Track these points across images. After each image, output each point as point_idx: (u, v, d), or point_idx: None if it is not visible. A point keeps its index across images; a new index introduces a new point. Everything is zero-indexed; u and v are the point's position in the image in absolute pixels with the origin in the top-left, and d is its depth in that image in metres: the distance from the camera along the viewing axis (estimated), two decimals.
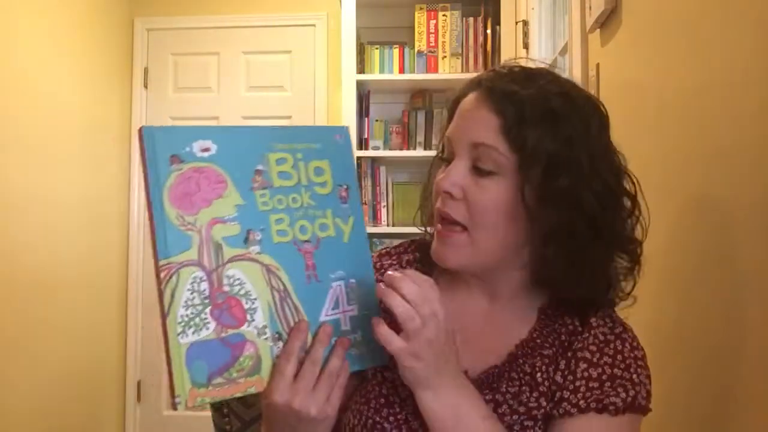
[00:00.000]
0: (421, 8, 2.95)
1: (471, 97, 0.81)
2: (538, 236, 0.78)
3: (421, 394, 0.73)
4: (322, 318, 0.73)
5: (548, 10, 2.37)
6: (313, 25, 3.48)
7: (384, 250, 0.94)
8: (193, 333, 0.66)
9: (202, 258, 0.68)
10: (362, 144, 2.96)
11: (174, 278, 0.66)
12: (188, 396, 0.65)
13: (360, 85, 2.92)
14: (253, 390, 0.69)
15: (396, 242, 0.98)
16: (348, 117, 2.86)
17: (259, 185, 0.72)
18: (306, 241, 0.73)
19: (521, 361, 0.80)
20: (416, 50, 2.95)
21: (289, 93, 3.49)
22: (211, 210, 0.69)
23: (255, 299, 0.70)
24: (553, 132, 0.75)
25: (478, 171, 0.78)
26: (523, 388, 0.79)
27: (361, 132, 2.96)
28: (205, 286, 0.67)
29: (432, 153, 3.43)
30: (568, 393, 0.77)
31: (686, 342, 1.00)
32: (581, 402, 0.76)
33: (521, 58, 0.89)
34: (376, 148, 2.97)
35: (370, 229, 2.90)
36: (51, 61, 2.80)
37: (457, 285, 0.87)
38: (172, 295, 0.66)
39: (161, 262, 0.66)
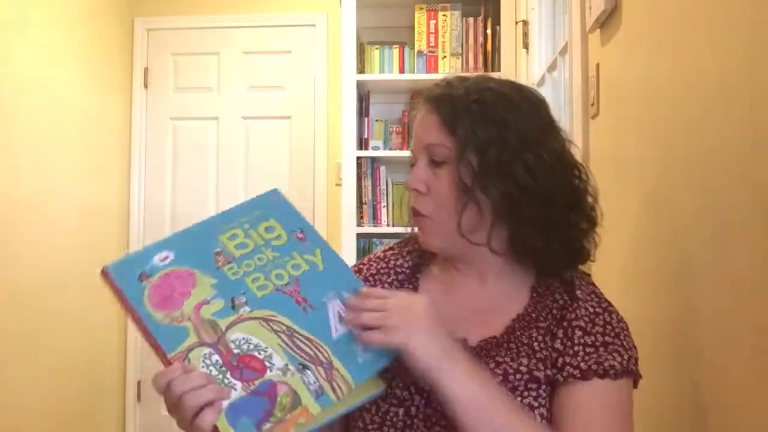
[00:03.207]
0: (421, 8, 2.95)
1: (419, 110, 0.93)
2: (490, 213, 0.87)
3: (441, 378, 0.74)
4: (335, 336, 0.77)
5: (548, 10, 2.37)
6: (313, 25, 3.49)
7: (387, 246, 1.04)
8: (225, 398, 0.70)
9: (203, 337, 0.73)
10: (362, 144, 2.95)
11: (187, 361, 0.71)
12: None
13: (360, 85, 2.92)
14: (303, 420, 0.71)
15: (396, 242, 1.05)
16: (348, 117, 2.85)
17: (224, 262, 0.79)
18: (286, 284, 0.79)
19: (519, 333, 0.87)
20: (416, 50, 2.94)
21: (289, 93, 3.49)
22: (193, 298, 0.75)
23: (266, 348, 0.74)
24: (482, 118, 0.86)
25: (434, 164, 0.89)
26: (522, 356, 0.85)
27: (361, 132, 2.96)
28: (216, 357, 0.72)
29: None
30: (569, 358, 0.83)
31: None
32: (582, 364, 0.82)
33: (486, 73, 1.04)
34: (376, 148, 2.97)
35: (370, 229, 2.90)
36: (51, 60, 2.81)
37: (450, 271, 0.96)
38: None
39: (170, 356, 0.71)
